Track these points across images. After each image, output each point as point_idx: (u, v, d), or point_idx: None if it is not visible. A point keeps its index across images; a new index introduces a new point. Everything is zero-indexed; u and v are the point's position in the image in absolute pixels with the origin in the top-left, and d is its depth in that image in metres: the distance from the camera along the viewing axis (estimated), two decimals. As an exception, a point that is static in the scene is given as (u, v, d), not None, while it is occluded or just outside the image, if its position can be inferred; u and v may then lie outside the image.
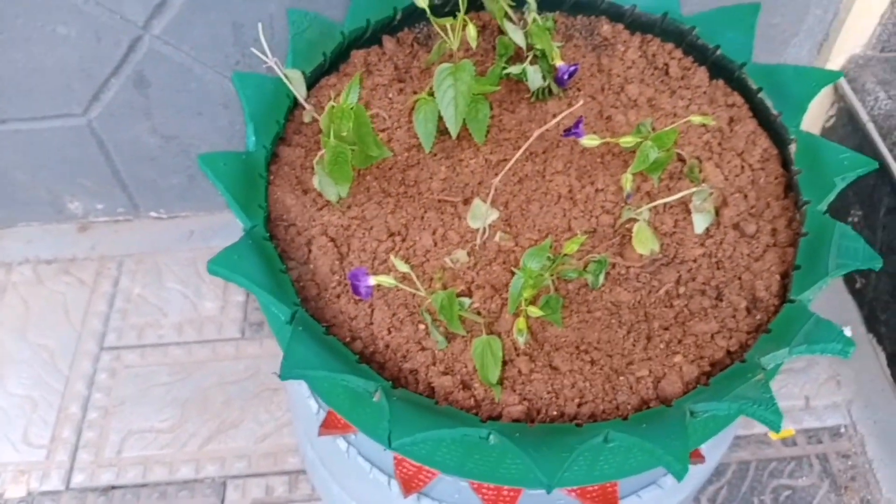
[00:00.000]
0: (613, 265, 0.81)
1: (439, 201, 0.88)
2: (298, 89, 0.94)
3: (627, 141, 0.80)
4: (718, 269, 0.81)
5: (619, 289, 0.79)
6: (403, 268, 0.74)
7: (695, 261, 0.82)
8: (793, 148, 0.87)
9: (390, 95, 1.00)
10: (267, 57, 0.91)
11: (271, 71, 0.92)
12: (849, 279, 1.44)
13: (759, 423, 1.23)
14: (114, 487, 1.26)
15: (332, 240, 0.84)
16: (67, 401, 1.34)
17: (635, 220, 0.81)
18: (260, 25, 0.92)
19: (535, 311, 0.67)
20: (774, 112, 0.91)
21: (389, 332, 0.77)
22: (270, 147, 0.90)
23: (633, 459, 0.67)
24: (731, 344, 0.74)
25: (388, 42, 1.05)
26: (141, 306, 1.47)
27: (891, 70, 1.30)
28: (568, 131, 0.82)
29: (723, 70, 0.99)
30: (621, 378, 0.72)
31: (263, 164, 0.87)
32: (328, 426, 0.92)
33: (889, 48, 1.34)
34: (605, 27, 1.07)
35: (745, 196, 0.88)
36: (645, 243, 0.80)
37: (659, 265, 0.81)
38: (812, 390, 1.34)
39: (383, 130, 0.95)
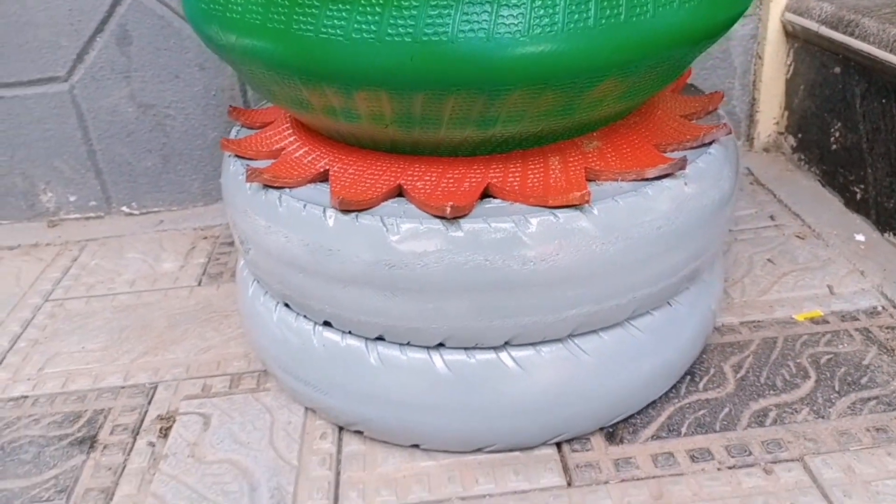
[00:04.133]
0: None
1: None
2: None
3: None
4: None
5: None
6: None
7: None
8: None
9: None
10: None
11: None
12: (848, 198, 1.35)
13: (779, 307, 1.08)
14: (26, 397, 1.06)
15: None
16: (-4, 344, 1.20)
17: None
18: None
19: None
20: None
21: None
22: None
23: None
24: None
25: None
26: (96, 272, 1.37)
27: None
28: None
29: None
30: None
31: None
32: (251, 175, 0.84)
33: (825, -20, 1.43)
34: None
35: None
36: None
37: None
38: (834, 281, 1.18)
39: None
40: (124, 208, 1.56)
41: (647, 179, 0.80)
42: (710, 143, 0.88)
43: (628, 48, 0.69)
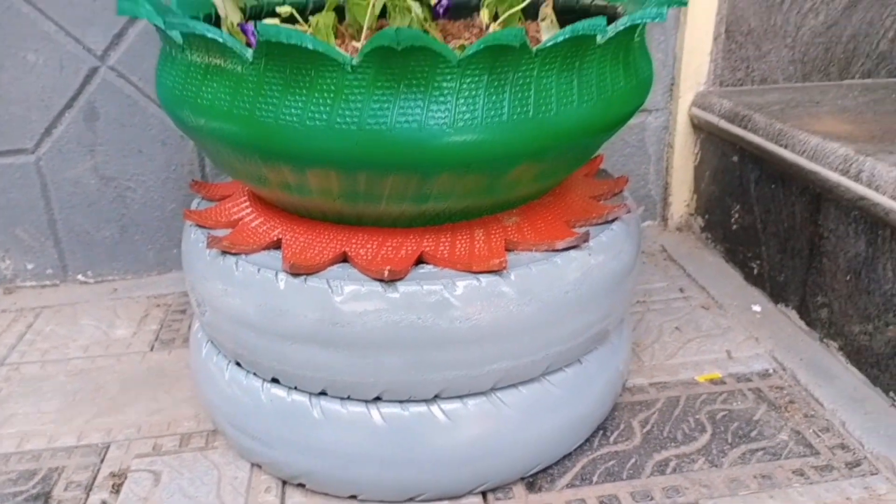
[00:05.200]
0: None
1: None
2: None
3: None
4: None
5: None
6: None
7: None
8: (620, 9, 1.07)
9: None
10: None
11: None
12: (746, 273, 1.51)
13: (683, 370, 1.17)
14: (-23, 455, 1.10)
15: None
16: (-53, 407, 1.23)
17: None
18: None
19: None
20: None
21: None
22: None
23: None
24: None
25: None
26: (50, 337, 1.42)
27: (728, 95, 1.58)
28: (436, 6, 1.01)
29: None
30: None
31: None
32: (212, 242, 0.94)
33: (726, 83, 1.64)
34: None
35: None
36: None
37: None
38: (732, 346, 1.32)
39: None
40: (80, 276, 1.62)
41: (556, 250, 0.93)
42: (613, 221, 1.02)
43: (536, 139, 0.82)
